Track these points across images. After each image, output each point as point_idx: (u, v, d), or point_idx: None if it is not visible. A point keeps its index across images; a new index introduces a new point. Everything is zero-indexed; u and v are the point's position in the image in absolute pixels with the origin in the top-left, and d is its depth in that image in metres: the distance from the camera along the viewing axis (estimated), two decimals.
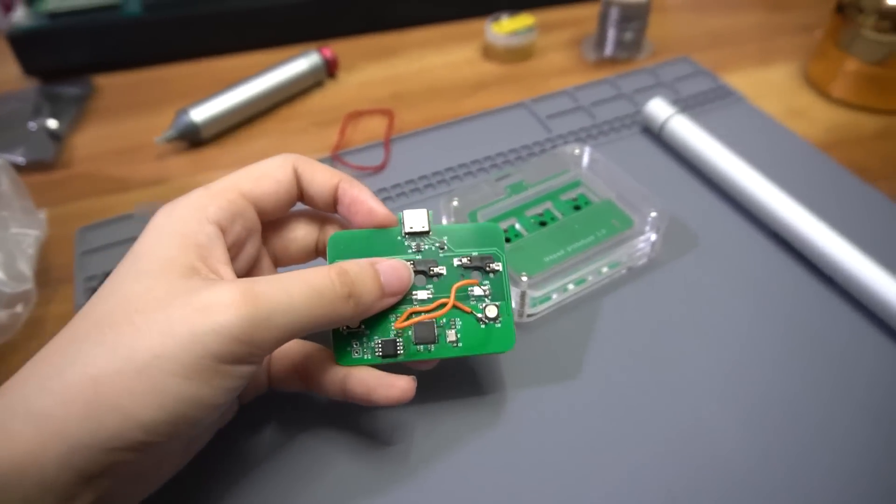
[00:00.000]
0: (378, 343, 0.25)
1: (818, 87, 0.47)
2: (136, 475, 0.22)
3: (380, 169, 0.41)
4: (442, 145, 0.43)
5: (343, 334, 0.25)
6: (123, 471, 0.20)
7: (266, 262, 0.27)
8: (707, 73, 0.48)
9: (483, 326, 0.26)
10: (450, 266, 0.26)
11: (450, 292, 0.26)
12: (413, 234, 0.26)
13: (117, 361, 0.19)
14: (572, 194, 0.36)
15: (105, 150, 0.45)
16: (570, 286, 0.33)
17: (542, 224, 0.35)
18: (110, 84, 0.51)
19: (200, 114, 0.44)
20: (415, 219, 0.26)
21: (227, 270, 0.23)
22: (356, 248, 0.26)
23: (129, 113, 0.48)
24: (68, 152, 0.45)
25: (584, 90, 0.47)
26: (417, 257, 0.26)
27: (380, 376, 0.24)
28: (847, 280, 0.32)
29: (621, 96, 0.46)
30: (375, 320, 0.25)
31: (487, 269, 0.26)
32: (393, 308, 0.25)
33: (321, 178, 0.26)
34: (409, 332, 0.25)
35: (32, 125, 0.44)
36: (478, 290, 0.26)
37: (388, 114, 0.46)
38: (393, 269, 0.25)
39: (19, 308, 0.31)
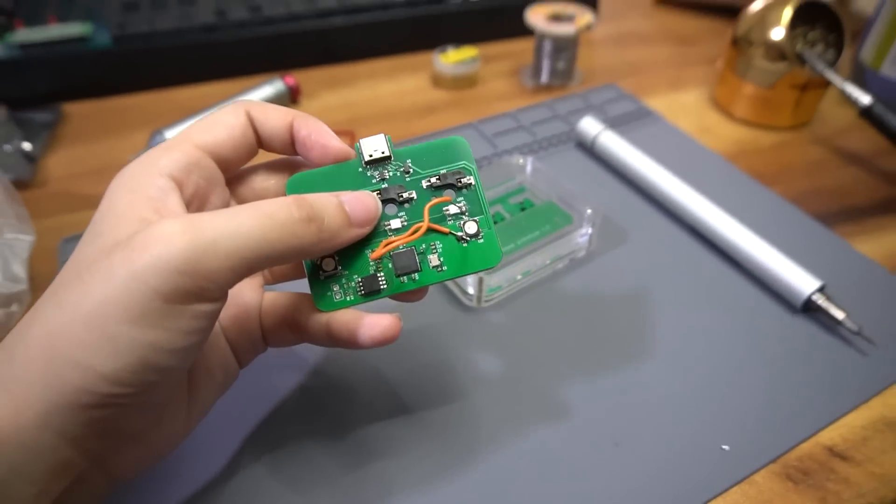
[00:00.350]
0: (359, 281, 0.24)
1: (723, 108, 0.55)
2: (130, 436, 0.21)
3: None
4: None
5: (320, 279, 0.24)
6: (109, 429, 0.20)
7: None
8: (630, 97, 0.55)
9: (465, 245, 0.24)
10: (419, 189, 0.25)
11: (423, 214, 0.24)
12: (374, 162, 0.25)
13: (66, 315, 0.19)
14: (518, 198, 0.42)
15: (79, 171, 0.48)
16: (519, 276, 0.38)
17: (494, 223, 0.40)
18: (79, 111, 0.54)
19: (175, 133, 0.47)
20: (373, 145, 0.25)
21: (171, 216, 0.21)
22: (317, 187, 0.24)
23: (100, 136, 0.51)
24: (43, 172, 0.47)
25: (524, 112, 0.53)
26: (383, 185, 0.25)
27: (360, 316, 0.24)
28: (748, 261, 0.38)
29: (557, 117, 0.53)
30: (352, 259, 0.24)
31: (459, 184, 0.25)
32: (368, 243, 0.24)
33: (274, 117, 0.24)
34: (390, 265, 0.24)
35: (7, 147, 0.46)
36: (453, 208, 0.25)
37: (349, 134, 0.51)
38: (356, 198, 0.23)
39: (14, 307, 0.33)
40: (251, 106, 0.24)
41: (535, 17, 0.55)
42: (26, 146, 0.47)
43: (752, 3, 0.53)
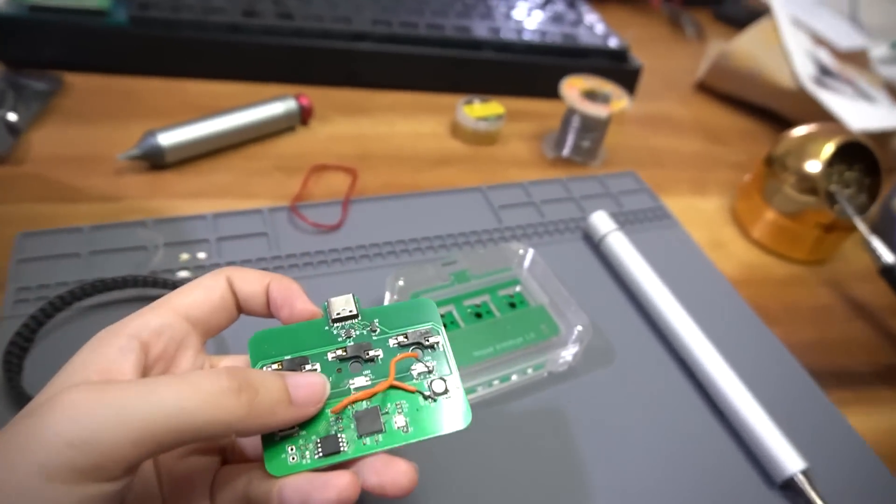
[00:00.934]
0: (317, 442, 0.22)
1: (741, 225, 0.53)
2: None
3: (335, 228, 0.43)
4: (398, 216, 0.45)
5: (275, 439, 0.22)
6: None
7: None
8: (648, 191, 0.53)
9: (432, 404, 0.24)
10: (385, 347, 0.25)
11: (388, 370, 0.24)
12: (341, 320, 0.25)
13: None
14: (510, 291, 0.39)
15: (63, 154, 0.45)
16: (496, 382, 0.35)
17: (478, 316, 0.37)
18: (80, 84, 0.51)
19: (169, 138, 0.45)
20: (340, 305, 0.25)
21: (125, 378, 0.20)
22: (282, 345, 0.24)
23: (96, 118, 0.48)
24: (24, 148, 0.45)
25: (537, 186, 0.50)
26: (349, 343, 0.25)
27: (313, 478, 0.21)
28: (736, 419, 0.35)
29: (570, 199, 0.50)
30: (311, 419, 0.23)
31: (426, 343, 0.25)
32: (329, 403, 0.23)
33: (252, 280, 0.25)
34: (352, 426, 0.23)
35: None
36: (420, 367, 0.24)
37: (352, 172, 0.48)
38: (303, 377, 0.23)
39: None
40: (232, 271, 0.25)
41: (570, 90, 0.52)
42: (11, 117, 0.44)
43: (795, 128, 0.50)
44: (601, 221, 0.45)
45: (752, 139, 0.65)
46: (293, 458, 0.22)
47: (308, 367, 0.24)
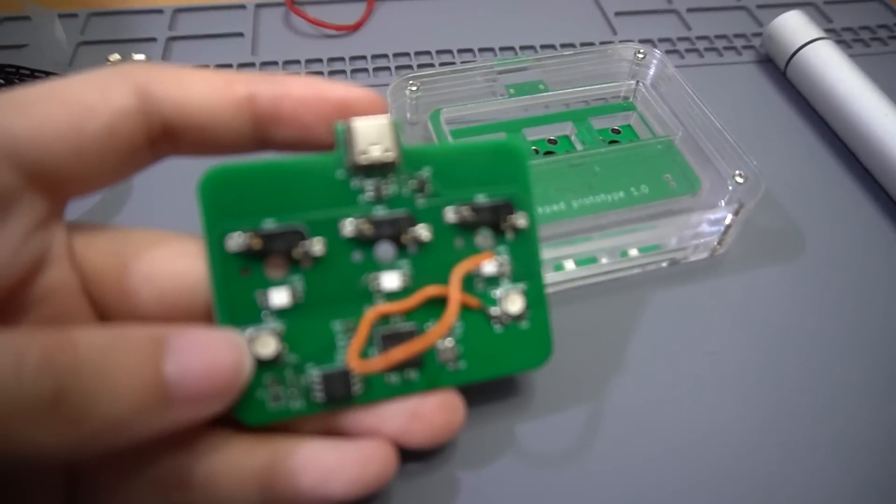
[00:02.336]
0: (316, 378, 0.13)
1: None
2: None
3: (351, 29, 0.28)
4: (449, 16, 0.29)
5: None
6: None
7: (71, 300, 0.12)
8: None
9: (499, 328, 0.15)
10: (438, 224, 0.14)
11: (448, 276, 0.14)
12: (368, 169, 0.14)
13: None
14: (615, 121, 0.22)
15: None
16: (570, 264, 0.19)
17: (550, 154, 0.21)
18: None
19: None
20: (369, 136, 0.13)
21: None
22: (258, 197, 0.13)
23: None
24: None
25: None
26: (379, 211, 0.14)
27: (334, 445, 0.13)
28: None
29: (737, 5, 0.31)
30: (307, 337, 0.13)
31: (503, 225, 0.15)
32: (339, 310, 0.14)
33: (201, 86, 0.13)
34: (372, 351, 0.14)
35: None
36: (489, 266, 0.15)
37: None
38: (197, 346, 0.11)
39: None
40: (152, 72, 0.13)
41: None
42: None
43: None
44: (794, 25, 0.26)
45: None
46: (275, 401, 0.13)
47: (305, 245, 0.13)
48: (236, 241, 0.13)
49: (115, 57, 0.26)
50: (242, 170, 0.13)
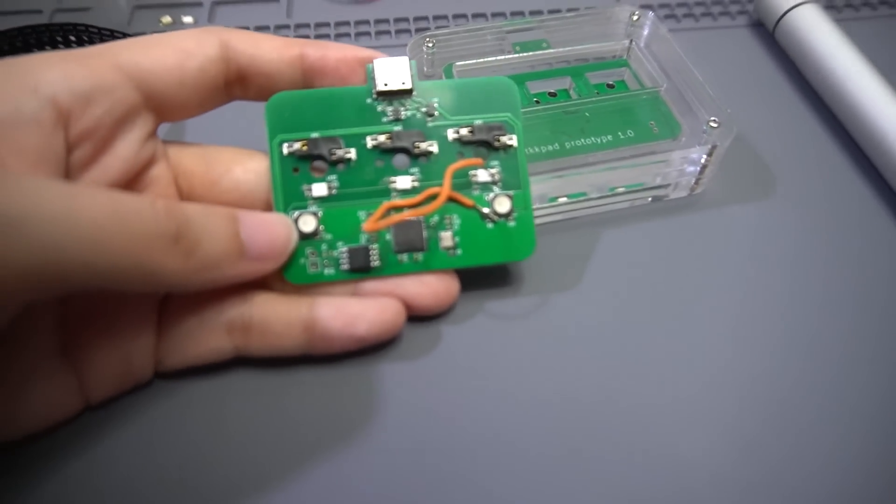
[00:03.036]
0: (343, 252, 0.18)
1: None
2: None
3: None
4: None
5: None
6: None
7: (168, 187, 0.17)
8: None
9: (490, 225, 0.19)
10: (443, 140, 0.19)
11: (443, 178, 0.18)
12: (389, 94, 0.19)
13: None
14: (609, 76, 0.25)
15: None
16: (563, 198, 0.22)
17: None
18: None
19: None
20: (391, 71, 0.18)
21: (21, 164, 0.14)
22: (309, 116, 0.18)
23: None
24: None
25: None
26: (396, 128, 0.19)
27: (357, 300, 0.18)
28: None
29: None
30: (340, 220, 0.18)
31: (496, 143, 0.19)
32: (363, 203, 0.18)
33: (270, 48, 0.17)
34: (388, 236, 0.18)
35: None
36: (483, 175, 0.19)
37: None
38: (262, 223, 0.16)
39: None
40: (231, 33, 0.17)
41: None
42: None
43: None
44: None
45: None
46: (313, 266, 0.18)
47: (340, 152, 0.18)
48: (290, 146, 0.18)
49: (167, 19, 0.29)
50: (296, 96, 0.18)
